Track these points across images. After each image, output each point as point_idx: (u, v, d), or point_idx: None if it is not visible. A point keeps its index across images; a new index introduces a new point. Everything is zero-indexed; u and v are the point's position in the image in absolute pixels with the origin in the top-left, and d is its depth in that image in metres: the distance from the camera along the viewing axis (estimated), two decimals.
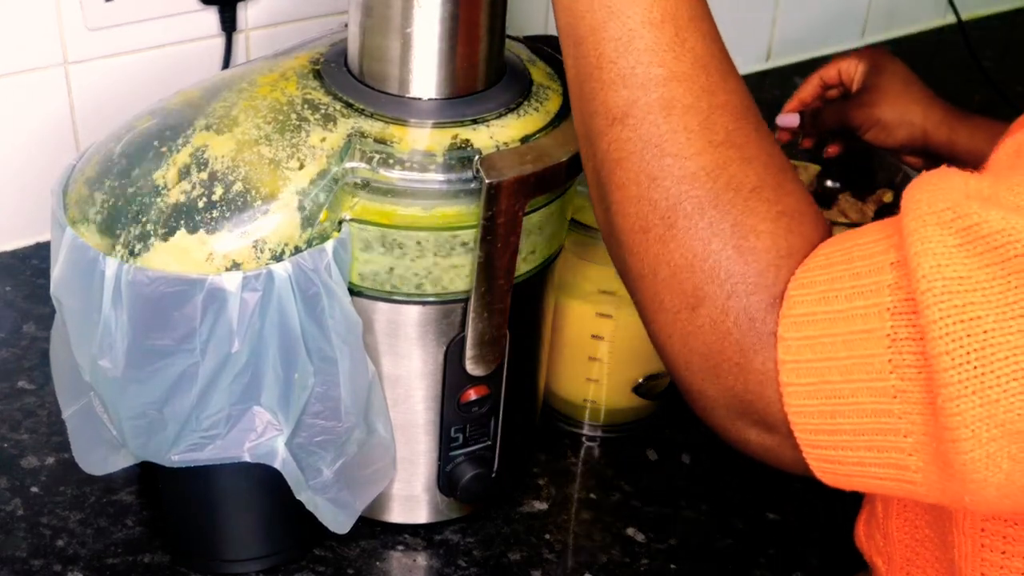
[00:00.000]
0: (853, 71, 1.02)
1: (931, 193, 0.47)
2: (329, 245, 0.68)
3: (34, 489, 0.83)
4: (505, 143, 0.69)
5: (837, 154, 1.04)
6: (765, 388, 0.51)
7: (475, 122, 0.70)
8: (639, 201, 0.54)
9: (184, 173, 0.68)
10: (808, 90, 1.05)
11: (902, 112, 0.98)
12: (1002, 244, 0.45)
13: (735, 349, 0.51)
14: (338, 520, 0.75)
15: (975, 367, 0.45)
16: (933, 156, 0.98)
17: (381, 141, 0.68)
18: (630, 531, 0.84)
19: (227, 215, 0.67)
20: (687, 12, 0.55)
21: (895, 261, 0.48)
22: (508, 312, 0.73)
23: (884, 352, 0.47)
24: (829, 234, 0.53)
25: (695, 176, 0.53)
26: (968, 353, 0.45)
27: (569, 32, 0.57)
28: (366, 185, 0.68)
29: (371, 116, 0.70)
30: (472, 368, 0.74)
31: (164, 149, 0.69)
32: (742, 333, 0.51)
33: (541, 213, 0.73)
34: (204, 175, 0.67)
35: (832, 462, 0.50)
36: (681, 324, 0.53)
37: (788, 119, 1.05)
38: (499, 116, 0.71)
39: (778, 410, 0.50)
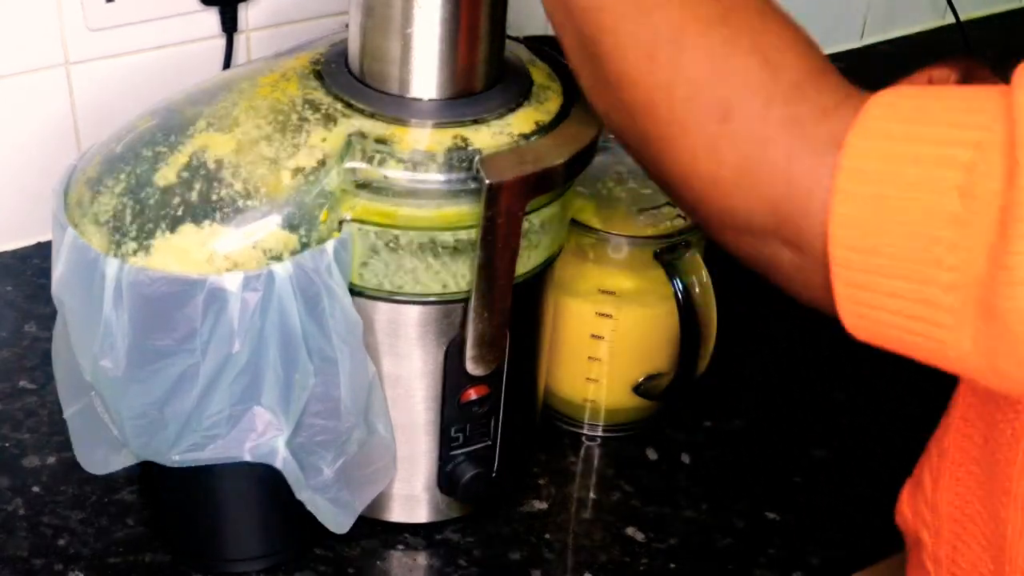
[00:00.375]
0: (945, 79, 1.00)
1: None
2: (329, 245, 0.68)
3: (35, 488, 0.83)
4: (505, 143, 0.70)
5: None
6: (811, 195, 0.49)
7: (475, 122, 0.70)
8: (636, 34, 0.54)
9: (185, 173, 0.68)
10: None
11: None
12: None
13: (779, 154, 0.50)
14: (338, 520, 0.75)
15: None
16: None
17: (381, 141, 0.68)
18: (630, 531, 0.84)
19: (228, 215, 0.67)
20: None
21: (985, 120, 0.46)
22: (508, 312, 0.73)
23: (958, 176, 0.46)
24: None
25: (694, 1, 0.53)
26: None
27: None
28: (366, 185, 0.68)
29: (371, 116, 0.70)
30: (472, 368, 0.75)
31: (165, 149, 0.69)
32: (789, 138, 0.50)
33: (541, 213, 0.73)
34: (205, 175, 0.68)
35: (860, 288, 0.49)
36: (708, 137, 0.52)
37: None
38: (499, 116, 0.71)
39: (819, 222, 0.49)
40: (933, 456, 0.64)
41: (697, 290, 0.82)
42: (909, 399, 0.97)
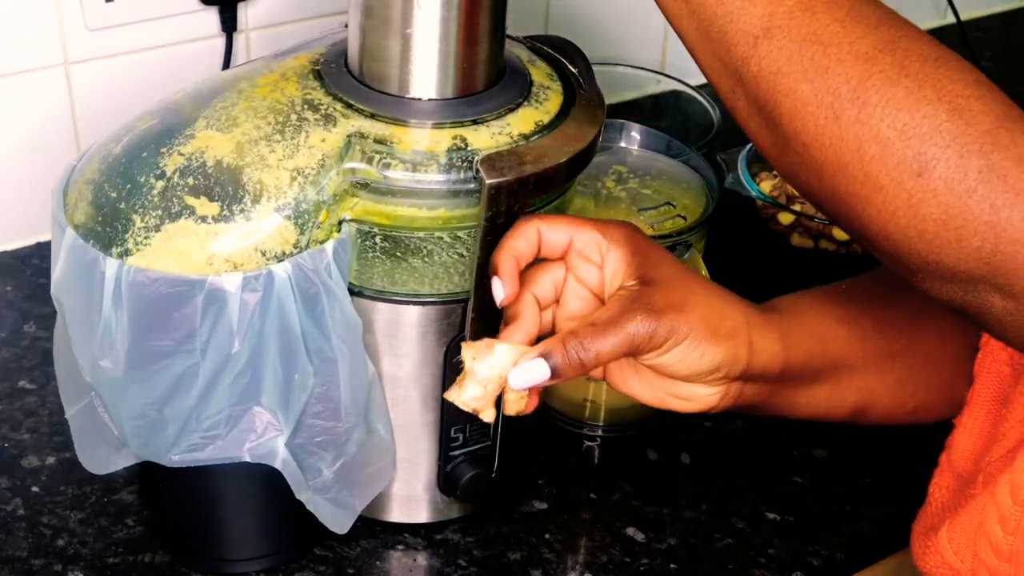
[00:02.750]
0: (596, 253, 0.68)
1: None
2: (329, 245, 0.68)
3: (35, 489, 0.83)
4: (505, 144, 0.69)
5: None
6: (1022, 248, 0.50)
7: (475, 122, 0.70)
8: (817, 95, 0.54)
9: (184, 173, 0.68)
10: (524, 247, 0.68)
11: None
12: None
13: (984, 206, 0.51)
14: (338, 520, 0.75)
15: None
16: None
17: (381, 141, 0.68)
18: (630, 531, 0.84)
19: (227, 216, 0.67)
20: None
21: None
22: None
23: None
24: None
25: (869, 55, 0.53)
26: None
27: None
28: (366, 185, 0.68)
29: (371, 116, 0.70)
30: None
31: (164, 149, 0.69)
32: (990, 189, 0.50)
33: (541, 213, 0.73)
34: (204, 175, 0.67)
35: None
36: (907, 194, 0.52)
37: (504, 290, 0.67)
38: (499, 116, 0.71)
39: None
40: (1003, 504, 0.63)
41: None
42: None
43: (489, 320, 0.72)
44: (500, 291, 0.65)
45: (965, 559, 0.65)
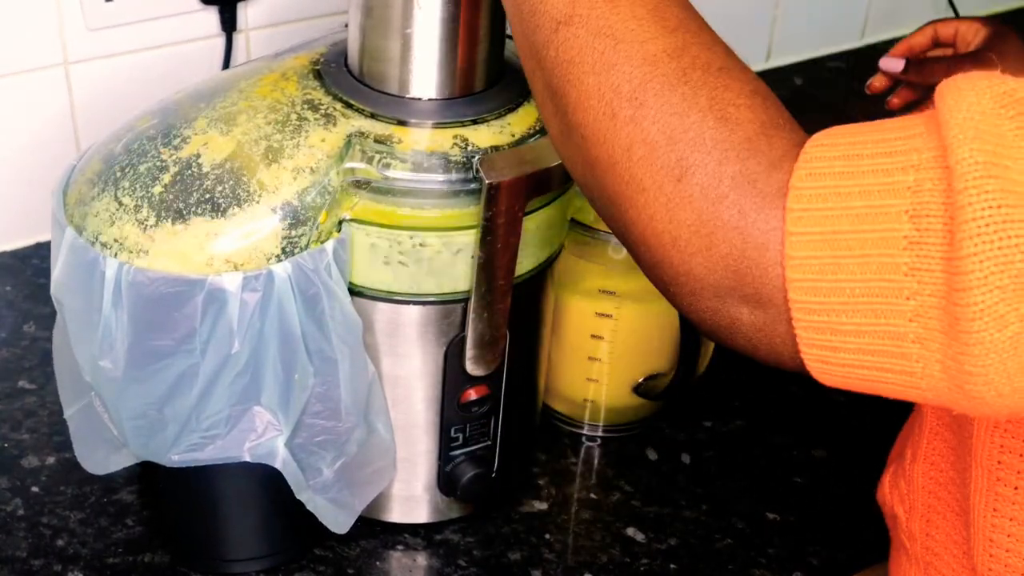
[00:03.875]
0: (972, 36, 0.95)
1: (968, 80, 0.47)
2: (329, 245, 0.68)
3: (34, 489, 0.83)
4: (505, 143, 0.69)
5: (900, 106, 0.99)
6: (766, 252, 0.50)
7: (475, 122, 0.70)
8: (600, 90, 0.54)
9: (184, 173, 0.68)
10: (920, 40, 0.98)
11: None
12: None
13: (733, 211, 0.50)
14: (338, 520, 0.75)
15: (999, 237, 0.44)
16: None
17: (381, 141, 0.68)
18: (630, 531, 0.84)
19: (227, 216, 0.67)
20: None
21: (919, 143, 0.47)
22: (508, 312, 0.73)
23: (906, 200, 0.46)
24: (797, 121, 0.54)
25: (656, 58, 0.53)
26: (993, 209, 0.44)
27: None
28: (366, 185, 0.68)
29: (371, 116, 0.70)
30: (472, 368, 0.75)
31: (164, 149, 0.69)
32: (741, 194, 0.50)
33: (541, 213, 0.73)
34: (204, 175, 0.67)
35: (824, 331, 0.49)
36: (665, 198, 0.52)
37: (893, 63, 0.96)
38: (499, 116, 0.71)
39: (776, 274, 0.49)
40: (915, 430, 0.65)
41: None
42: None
43: (491, 320, 0.72)
44: (887, 64, 0.95)
45: (894, 495, 0.66)
